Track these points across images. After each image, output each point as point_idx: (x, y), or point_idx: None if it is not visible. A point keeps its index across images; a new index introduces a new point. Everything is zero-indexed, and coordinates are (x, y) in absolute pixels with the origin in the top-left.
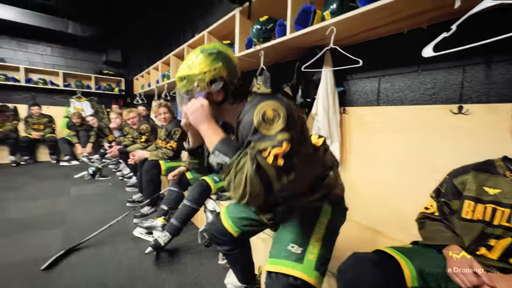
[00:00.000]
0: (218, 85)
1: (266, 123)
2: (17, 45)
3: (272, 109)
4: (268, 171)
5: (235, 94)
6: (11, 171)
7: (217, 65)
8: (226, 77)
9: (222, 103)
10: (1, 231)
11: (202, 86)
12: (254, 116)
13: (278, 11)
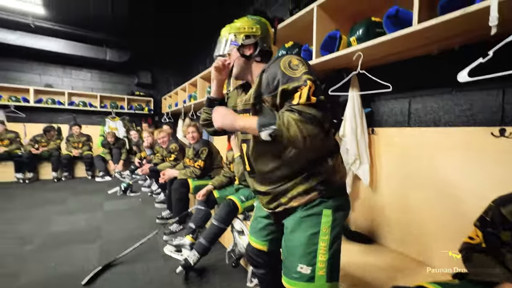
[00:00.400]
0: (251, 41)
1: (291, 68)
2: (63, 73)
3: (296, 58)
4: (308, 111)
5: (262, 54)
6: (53, 186)
7: (255, 26)
8: (259, 37)
9: (250, 58)
10: (47, 244)
11: (238, 36)
12: (281, 63)
13: (302, 36)
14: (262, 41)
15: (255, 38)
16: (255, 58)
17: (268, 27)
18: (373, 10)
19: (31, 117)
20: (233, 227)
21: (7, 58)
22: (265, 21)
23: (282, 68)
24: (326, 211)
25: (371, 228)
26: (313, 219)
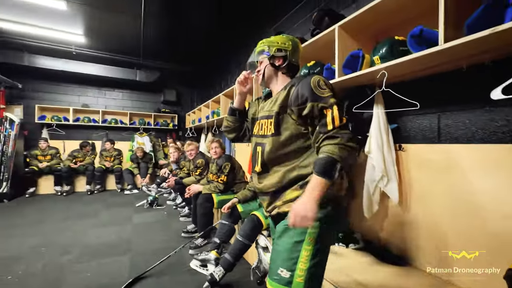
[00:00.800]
0: (281, 53)
1: (320, 88)
2: (98, 93)
3: (323, 80)
4: (344, 131)
5: (289, 67)
6: (87, 198)
7: (287, 42)
8: (289, 52)
9: (278, 68)
10: (83, 255)
11: (271, 48)
12: (311, 81)
13: (324, 55)
14: (292, 55)
15: (285, 52)
16: (282, 69)
17: (298, 46)
18: (394, 28)
19: (70, 134)
20: (258, 243)
21: (52, 82)
22: (298, 40)
23: (312, 87)
24: (314, 223)
25: (403, 249)
26: (299, 228)
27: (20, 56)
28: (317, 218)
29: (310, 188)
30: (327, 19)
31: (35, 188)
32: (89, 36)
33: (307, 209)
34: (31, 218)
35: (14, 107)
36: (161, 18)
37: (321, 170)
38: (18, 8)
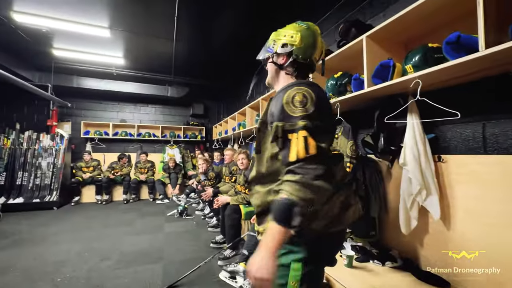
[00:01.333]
0: (285, 50)
1: (293, 105)
2: (134, 109)
3: (302, 94)
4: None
5: (297, 66)
6: (124, 207)
7: (296, 35)
8: (296, 48)
9: (281, 68)
10: (121, 261)
11: (277, 43)
12: (285, 95)
13: (351, 66)
14: (299, 51)
15: (292, 47)
16: (286, 69)
17: (315, 37)
18: (426, 35)
19: (109, 147)
20: None
21: (95, 100)
22: (314, 29)
23: (284, 102)
24: (295, 265)
25: (447, 269)
26: (280, 270)
27: (70, 79)
28: (299, 258)
29: (266, 237)
30: (353, 30)
31: (79, 197)
32: (127, 58)
33: (263, 270)
34: (76, 225)
35: (63, 123)
36: (191, 40)
37: (277, 216)
38: (70, 38)
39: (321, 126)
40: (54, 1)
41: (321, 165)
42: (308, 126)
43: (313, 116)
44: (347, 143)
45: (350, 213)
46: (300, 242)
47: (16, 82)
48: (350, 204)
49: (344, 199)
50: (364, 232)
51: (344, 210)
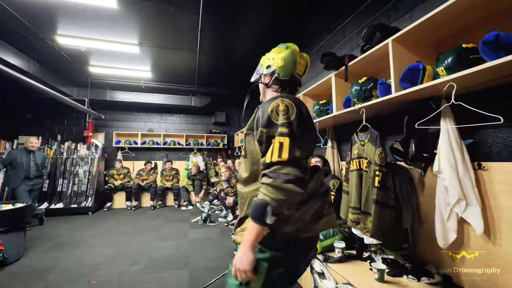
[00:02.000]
0: (268, 71)
1: (276, 113)
2: (160, 119)
3: (285, 104)
4: (281, 171)
5: (277, 84)
6: (151, 213)
7: (277, 55)
8: (277, 68)
9: (268, 86)
10: (149, 266)
11: (263, 66)
12: (271, 104)
13: (377, 70)
14: (280, 70)
15: (274, 67)
16: (272, 87)
17: (295, 55)
18: (458, 35)
19: (138, 155)
20: (313, 268)
21: (126, 112)
22: (293, 49)
23: (269, 110)
24: (261, 264)
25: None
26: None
27: (104, 93)
28: (267, 258)
29: (246, 233)
30: (378, 34)
31: (111, 203)
32: (154, 71)
33: (243, 262)
34: (109, 229)
35: (98, 134)
36: (213, 52)
37: (253, 214)
38: (104, 56)
39: (300, 136)
40: (91, 23)
41: (293, 171)
42: (285, 133)
43: (293, 125)
44: (375, 151)
45: (323, 222)
46: (270, 245)
47: (60, 98)
48: (323, 214)
49: (318, 208)
50: (396, 244)
51: (317, 218)
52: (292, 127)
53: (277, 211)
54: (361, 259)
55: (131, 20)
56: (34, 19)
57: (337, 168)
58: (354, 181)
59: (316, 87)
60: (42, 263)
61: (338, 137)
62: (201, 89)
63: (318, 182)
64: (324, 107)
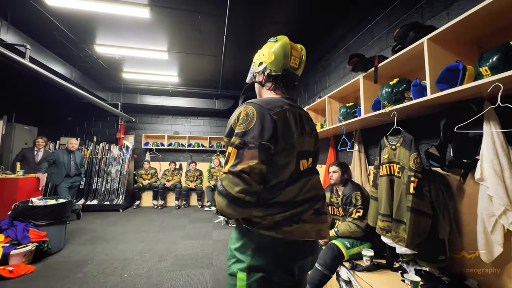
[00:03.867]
0: (261, 68)
1: (237, 120)
2: (185, 122)
3: (246, 112)
4: (225, 181)
5: (270, 80)
6: (176, 212)
7: (267, 51)
8: (269, 63)
9: (262, 85)
10: (175, 264)
11: (256, 64)
12: (237, 110)
13: (408, 71)
14: (271, 65)
15: (265, 64)
16: (266, 85)
17: (285, 47)
18: (504, 32)
19: (164, 156)
20: (339, 276)
21: (154, 115)
22: (283, 41)
23: (235, 116)
24: (240, 274)
25: None
26: (230, 280)
27: (135, 97)
28: (244, 268)
29: None
30: (411, 33)
31: (140, 201)
32: (181, 76)
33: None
34: (138, 226)
35: (128, 136)
36: (237, 55)
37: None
38: (136, 62)
39: (257, 147)
40: (126, 33)
41: (229, 184)
42: (234, 143)
43: (247, 135)
44: (409, 155)
45: (306, 229)
46: (246, 250)
47: (97, 102)
48: (304, 221)
49: (293, 214)
50: (432, 255)
51: (298, 224)
52: (245, 137)
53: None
54: (392, 269)
55: (161, 29)
56: (76, 30)
57: (364, 173)
58: (384, 187)
59: (343, 89)
60: (80, 255)
61: (365, 140)
62: (224, 93)
63: (304, 187)
64: (351, 109)
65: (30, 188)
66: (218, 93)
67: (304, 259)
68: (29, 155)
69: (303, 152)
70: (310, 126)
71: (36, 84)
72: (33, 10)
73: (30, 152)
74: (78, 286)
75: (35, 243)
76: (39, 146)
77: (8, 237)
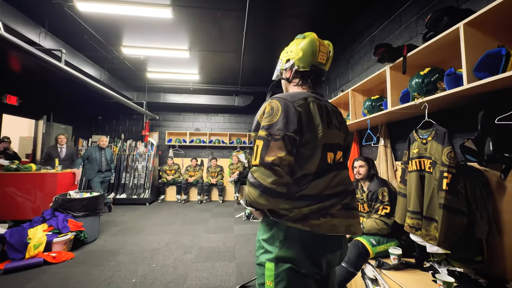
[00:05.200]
0: (288, 64)
1: (263, 115)
2: (206, 118)
3: (271, 106)
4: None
5: (298, 76)
6: (198, 207)
7: (295, 48)
8: (296, 60)
9: (289, 81)
10: (200, 256)
11: (283, 61)
12: (264, 104)
13: (441, 60)
14: (299, 62)
15: (293, 60)
16: (293, 81)
17: (313, 44)
18: None
19: (186, 153)
20: (365, 274)
21: (176, 112)
22: (310, 38)
23: (261, 111)
24: (268, 264)
25: None
26: (258, 269)
27: (158, 96)
28: (272, 258)
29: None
30: (445, 18)
31: (164, 195)
32: (201, 74)
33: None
34: (163, 219)
35: (153, 133)
36: (257, 51)
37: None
38: (159, 62)
39: (282, 138)
40: (149, 34)
41: (260, 175)
42: (261, 136)
43: (273, 128)
44: (442, 150)
45: (335, 223)
46: (274, 241)
47: (124, 101)
48: (332, 215)
49: (321, 208)
50: (467, 256)
51: (325, 218)
52: (271, 129)
53: (250, 204)
54: (422, 268)
55: (183, 28)
56: (104, 33)
57: (390, 168)
58: (414, 183)
59: (367, 81)
60: (112, 244)
61: (392, 134)
62: (244, 89)
63: (333, 181)
64: (377, 102)
65: (67, 182)
66: (237, 90)
67: (333, 253)
68: (54, 153)
69: (330, 145)
70: (339, 120)
71: (70, 86)
72: (67, 16)
73: (54, 149)
74: (112, 273)
75: (74, 232)
76: (61, 142)
77: (50, 226)
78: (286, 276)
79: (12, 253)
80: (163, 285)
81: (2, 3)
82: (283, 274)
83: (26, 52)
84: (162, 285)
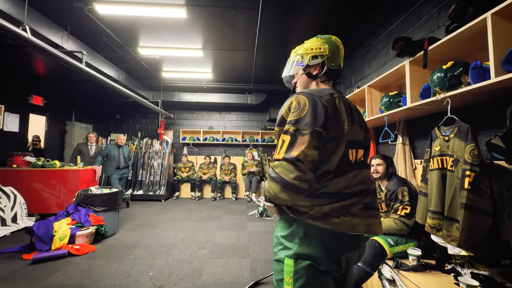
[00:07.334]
0: (317, 61)
1: (289, 110)
2: (219, 117)
3: (298, 101)
4: (277, 169)
5: (327, 74)
6: (212, 204)
7: (323, 46)
8: (326, 57)
9: (316, 77)
10: (214, 252)
11: (305, 57)
12: (289, 100)
13: (463, 53)
14: (330, 60)
15: (322, 57)
16: (321, 78)
17: (338, 46)
18: None
19: (200, 151)
20: (382, 274)
21: (190, 111)
22: (336, 39)
23: (286, 106)
24: (287, 260)
25: None
26: (276, 265)
27: (173, 95)
28: (291, 254)
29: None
30: (471, 9)
31: (179, 192)
32: (215, 72)
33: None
34: (179, 215)
35: (168, 131)
36: (270, 49)
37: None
38: (174, 62)
39: (310, 133)
40: (165, 34)
41: (283, 170)
42: (288, 131)
43: (300, 123)
44: (465, 147)
45: (355, 223)
46: (293, 238)
47: (140, 101)
48: (353, 214)
49: (343, 206)
50: (492, 259)
51: (346, 217)
52: (298, 124)
53: (269, 200)
54: (443, 270)
55: (196, 27)
56: (122, 34)
57: (409, 167)
58: (435, 181)
59: (385, 77)
60: (131, 239)
61: (411, 131)
62: (256, 87)
63: (355, 179)
64: (395, 99)
65: (88, 178)
66: (250, 88)
67: (352, 251)
68: (84, 150)
69: (353, 142)
70: (359, 118)
71: (90, 86)
72: (87, 19)
73: (84, 146)
74: (130, 266)
75: (95, 226)
76: (91, 141)
77: (74, 220)
78: (305, 273)
79: (40, 245)
80: (179, 279)
81: (29, 8)
82: (302, 270)
83: (50, 54)
84: (178, 279)
